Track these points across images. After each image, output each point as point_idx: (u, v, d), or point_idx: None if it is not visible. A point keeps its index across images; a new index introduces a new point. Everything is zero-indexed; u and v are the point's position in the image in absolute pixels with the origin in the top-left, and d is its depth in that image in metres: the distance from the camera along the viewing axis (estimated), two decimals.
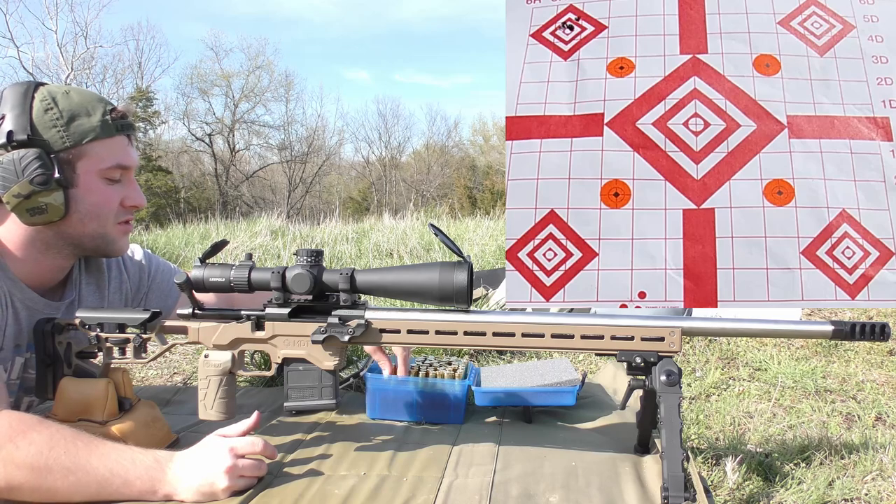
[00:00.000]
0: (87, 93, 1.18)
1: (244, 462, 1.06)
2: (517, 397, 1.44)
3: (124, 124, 1.18)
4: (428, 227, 4.29)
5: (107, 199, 1.18)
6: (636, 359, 1.10)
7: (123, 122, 1.18)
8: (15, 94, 1.12)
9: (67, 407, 1.16)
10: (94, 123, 1.14)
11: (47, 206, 1.11)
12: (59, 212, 1.13)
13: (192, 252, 5.17)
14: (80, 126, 1.13)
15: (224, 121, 27.92)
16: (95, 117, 1.14)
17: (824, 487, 1.41)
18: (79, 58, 21.67)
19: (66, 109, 1.12)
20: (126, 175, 1.21)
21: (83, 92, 1.18)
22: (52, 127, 1.11)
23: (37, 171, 1.08)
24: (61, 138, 1.11)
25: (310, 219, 11.99)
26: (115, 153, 1.17)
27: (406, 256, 5.17)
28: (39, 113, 1.11)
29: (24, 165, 1.08)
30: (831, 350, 2.54)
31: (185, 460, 1.05)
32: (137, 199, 1.22)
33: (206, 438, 1.09)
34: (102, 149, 1.15)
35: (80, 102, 1.15)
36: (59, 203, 1.12)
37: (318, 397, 1.17)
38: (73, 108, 1.13)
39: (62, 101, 1.13)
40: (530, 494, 1.07)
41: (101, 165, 1.15)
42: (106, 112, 1.16)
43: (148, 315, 1.19)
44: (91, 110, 1.14)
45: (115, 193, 1.19)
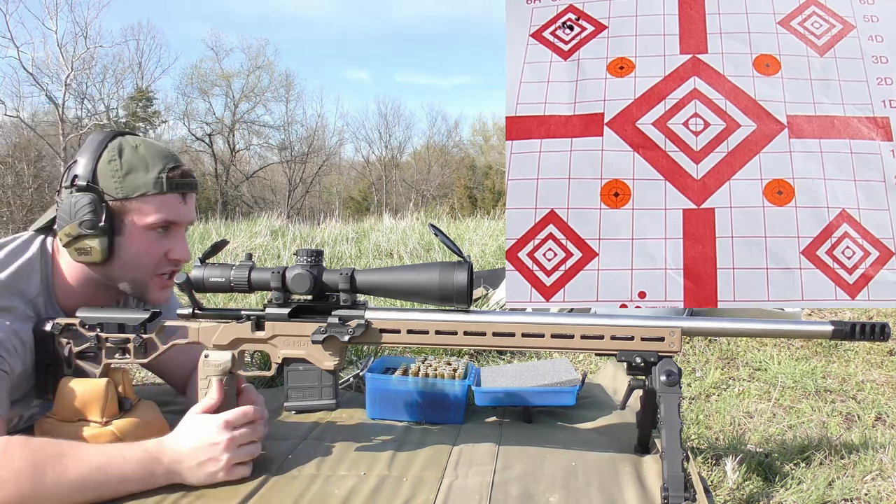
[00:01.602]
0: (156, 148, 1.22)
1: (240, 432, 1.10)
2: (517, 397, 1.44)
3: (179, 183, 1.21)
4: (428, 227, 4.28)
5: (147, 251, 1.21)
6: (636, 359, 1.10)
7: (180, 181, 1.21)
8: (94, 141, 1.20)
9: (67, 407, 1.16)
10: (148, 180, 1.17)
11: (91, 249, 1.16)
12: (101, 255, 1.17)
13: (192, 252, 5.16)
14: (135, 180, 1.17)
15: (224, 121, 27.93)
16: (151, 174, 1.18)
17: (824, 487, 1.41)
18: (79, 58, 21.67)
19: (126, 162, 1.17)
20: (175, 229, 1.23)
21: (154, 147, 1.21)
22: (110, 177, 1.16)
23: (87, 215, 1.14)
24: (115, 189, 1.16)
25: (310, 219, 11.99)
26: (164, 210, 1.19)
27: (406, 256, 5.17)
28: (104, 162, 1.17)
29: (78, 209, 1.15)
30: (831, 350, 2.54)
31: (180, 444, 1.07)
32: (180, 254, 1.24)
33: (192, 419, 1.11)
34: (152, 204, 1.18)
35: (142, 157, 1.18)
36: (103, 248, 1.17)
37: (318, 397, 1.17)
38: (133, 163, 1.18)
39: (127, 154, 1.18)
40: (530, 494, 1.07)
41: (147, 220, 1.18)
42: (164, 170, 1.19)
43: (148, 315, 1.19)
44: (150, 166, 1.18)
45: (159, 246, 1.22)
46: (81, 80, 22.43)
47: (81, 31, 21.96)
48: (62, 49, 21.11)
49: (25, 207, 18.31)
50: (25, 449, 0.98)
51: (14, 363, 1.13)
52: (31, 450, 0.99)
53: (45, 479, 0.97)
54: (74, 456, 1.01)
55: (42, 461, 0.98)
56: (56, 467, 0.98)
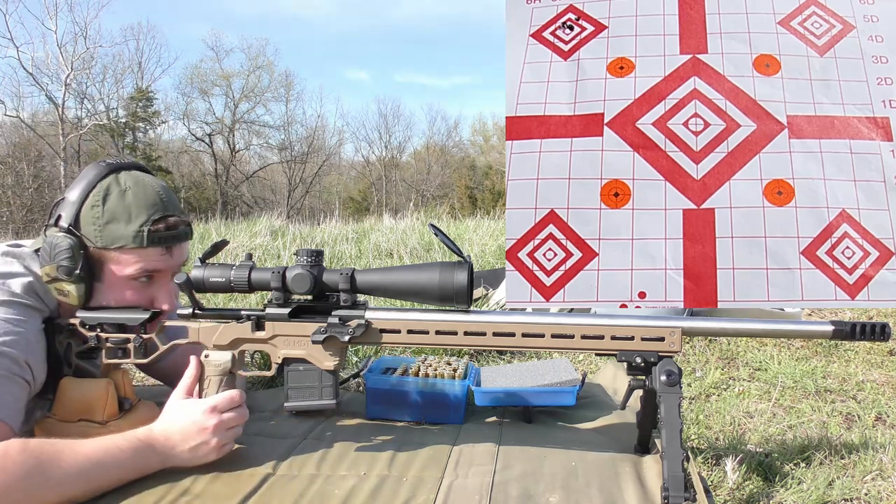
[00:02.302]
0: (146, 195, 1.17)
1: (227, 415, 1.11)
2: (517, 397, 1.44)
3: (163, 237, 1.17)
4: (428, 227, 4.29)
5: (126, 300, 1.19)
6: (636, 359, 1.10)
7: (163, 234, 1.17)
8: (84, 178, 1.16)
9: (67, 407, 1.16)
10: (128, 233, 1.15)
11: (68, 293, 1.15)
12: (78, 301, 1.16)
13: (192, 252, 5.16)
14: (115, 231, 1.14)
15: (224, 121, 27.93)
16: (132, 227, 1.14)
17: (824, 487, 1.41)
18: (78, 58, 21.69)
19: (109, 210, 1.14)
20: (159, 278, 1.21)
21: (144, 193, 1.17)
22: (91, 224, 1.14)
23: (64, 261, 1.13)
24: (95, 237, 1.15)
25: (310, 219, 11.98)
26: (144, 262, 1.17)
27: (406, 256, 5.16)
28: (88, 207, 1.15)
29: (57, 252, 1.13)
30: (831, 350, 2.54)
31: (170, 431, 1.09)
32: (163, 303, 1.21)
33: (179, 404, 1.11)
34: (131, 256, 1.16)
35: (126, 206, 1.15)
36: (79, 294, 1.15)
37: (318, 397, 1.17)
38: (115, 212, 1.14)
39: (112, 201, 1.15)
40: (530, 494, 1.07)
41: (126, 271, 1.17)
42: (147, 222, 1.15)
43: (148, 315, 1.19)
44: (133, 217, 1.15)
45: (141, 294, 1.20)
46: (81, 79, 22.45)
47: (81, 31, 22.01)
48: (62, 49, 21.14)
49: (25, 207, 18.31)
50: (25, 452, 0.98)
51: (39, 371, 1.13)
52: (31, 452, 0.99)
53: (45, 480, 0.97)
54: (71, 454, 1.01)
55: (41, 462, 0.98)
56: (55, 467, 0.99)
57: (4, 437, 1.01)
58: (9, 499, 0.94)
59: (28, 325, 1.11)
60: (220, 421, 1.10)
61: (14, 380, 1.06)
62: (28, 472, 0.96)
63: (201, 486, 1.08)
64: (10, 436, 1.03)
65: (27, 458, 0.97)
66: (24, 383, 1.08)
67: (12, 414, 1.05)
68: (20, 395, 1.08)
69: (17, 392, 1.07)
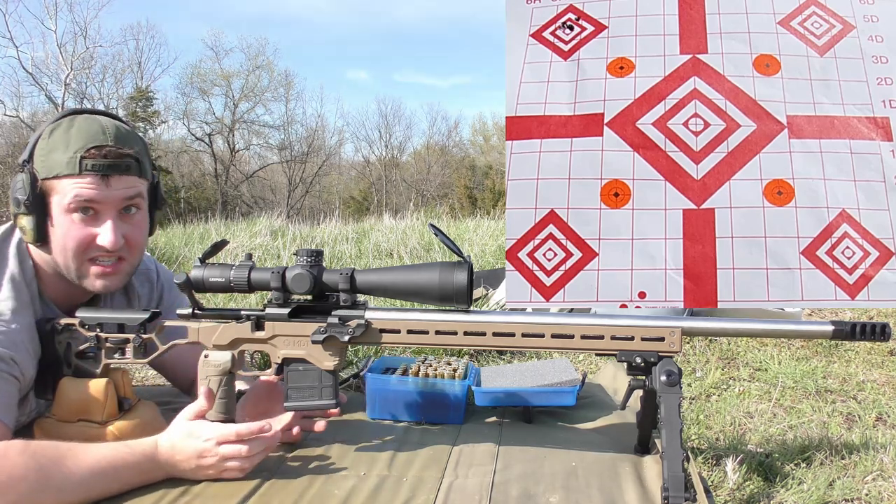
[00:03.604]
0: (90, 127, 1.15)
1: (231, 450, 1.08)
2: (517, 397, 1.44)
3: (95, 164, 1.13)
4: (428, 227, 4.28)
5: (70, 234, 1.15)
6: (636, 359, 1.10)
7: (96, 162, 1.13)
8: (50, 119, 1.18)
9: (67, 407, 1.16)
10: (63, 160, 1.12)
11: (25, 229, 1.15)
12: (32, 235, 1.14)
13: (191, 252, 5.16)
14: (53, 160, 1.13)
15: (224, 121, 27.91)
16: (67, 153, 1.12)
17: (825, 487, 1.41)
18: (78, 57, 21.68)
19: (53, 141, 1.14)
20: (101, 212, 1.16)
21: (86, 126, 1.15)
22: (40, 156, 1.14)
23: (18, 192, 1.13)
24: (41, 168, 1.14)
25: (310, 219, 11.98)
26: (79, 191, 1.13)
27: (406, 256, 5.17)
28: (41, 141, 1.15)
29: (13, 187, 1.14)
30: (832, 350, 2.54)
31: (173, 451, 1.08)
32: (104, 240, 1.15)
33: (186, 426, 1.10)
34: (68, 185, 1.13)
35: (69, 137, 1.13)
36: (31, 227, 1.14)
37: (318, 397, 1.17)
38: (56, 142, 1.13)
39: (58, 133, 1.14)
40: (530, 495, 1.07)
41: (64, 201, 1.14)
42: (82, 149, 1.12)
43: (148, 315, 1.19)
44: (70, 146, 1.12)
45: (83, 230, 1.15)
46: (81, 79, 22.44)
47: (81, 31, 21.98)
48: (62, 49, 21.13)
49: None
50: (25, 453, 0.98)
51: (27, 367, 1.12)
52: (31, 454, 0.98)
53: (45, 483, 0.97)
54: (74, 460, 1.01)
55: (41, 465, 0.98)
56: (56, 471, 0.98)
57: (1, 435, 1.01)
58: (7, 500, 0.94)
59: (13, 320, 1.11)
60: (223, 454, 1.08)
61: (3, 377, 1.06)
62: (27, 474, 0.96)
63: (200, 486, 1.08)
64: (5, 432, 1.03)
65: (27, 459, 0.97)
66: (12, 379, 1.08)
67: (6, 411, 1.06)
68: (10, 392, 1.08)
69: (6, 388, 1.07)
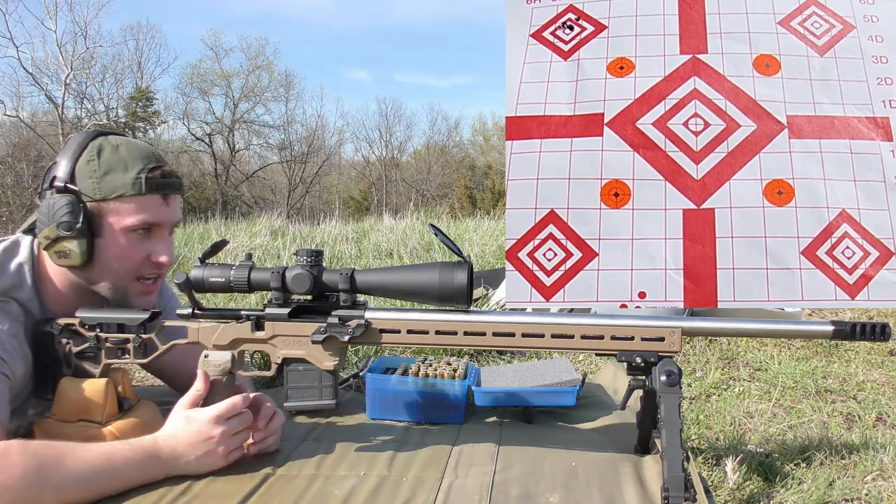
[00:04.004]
0: (138, 148, 1.18)
1: (232, 423, 1.11)
2: (517, 397, 1.44)
3: (160, 184, 1.18)
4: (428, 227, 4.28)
5: (127, 254, 1.18)
6: (636, 359, 1.10)
7: (160, 181, 1.18)
8: (74, 142, 1.17)
9: (67, 407, 1.16)
10: (126, 181, 1.15)
11: (70, 252, 1.15)
12: (80, 258, 1.15)
13: (191, 252, 5.16)
14: (113, 181, 1.15)
15: (224, 121, 27.89)
16: (130, 175, 1.15)
17: (824, 487, 1.41)
18: (78, 57, 21.67)
19: (105, 162, 1.15)
20: (158, 231, 1.20)
21: (136, 147, 1.19)
22: (88, 177, 1.14)
23: (64, 217, 1.12)
24: (93, 190, 1.14)
25: (310, 219, 11.98)
26: (143, 211, 1.16)
27: (406, 256, 5.16)
28: (83, 163, 1.15)
29: (56, 210, 1.13)
30: (831, 350, 2.54)
31: (175, 442, 1.08)
32: (162, 255, 1.21)
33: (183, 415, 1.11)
34: (130, 206, 1.16)
35: (122, 158, 1.16)
36: (82, 251, 1.14)
37: (318, 397, 1.17)
38: (111, 163, 1.15)
39: (106, 154, 1.16)
40: (530, 494, 1.07)
41: (125, 222, 1.16)
42: (144, 170, 1.16)
43: (148, 315, 1.19)
44: (129, 167, 1.15)
45: (139, 249, 1.19)
46: (81, 79, 22.42)
47: (81, 31, 21.96)
48: (62, 49, 21.13)
49: (25, 207, 18.31)
50: (25, 453, 0.98)
51: (16, 365, 1.12)
52: (31, 453, 0.98)
53: (45, 482, 0.97)
54: (74, 458, 1.01)
55: (41, 465, 0.98)
56: (56, 470, 0.98)
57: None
58: (7, 500, 0.94)
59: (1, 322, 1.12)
60: (225, 431, 1.10)
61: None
62: (27, 473, 0.96)
63: (201, 486, 1.08)
64: (1, 431, 1.03)
65: (28, 459, 0.97)
66: (3, 378, 1.09)
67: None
68: (2, 390, 1.08)
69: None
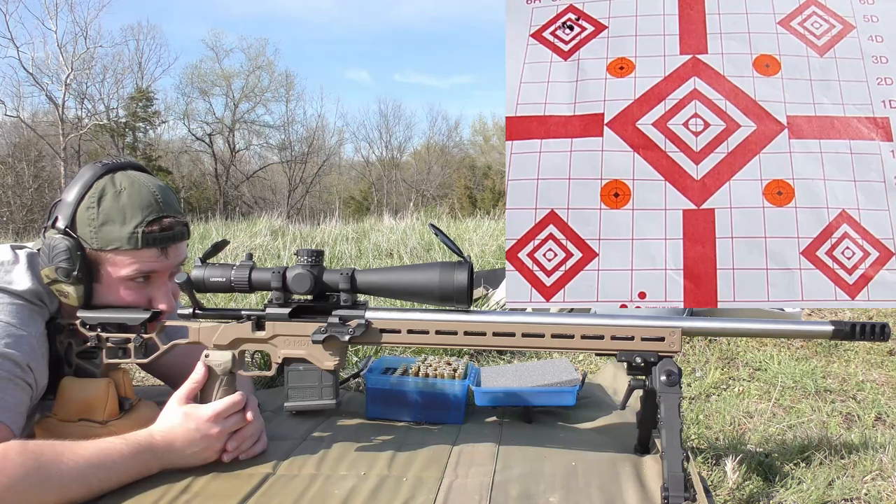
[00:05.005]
0: (140, 196, 1.16)
1: (230, 421, 1.12)
2: (517, 397, 1.45)
3: (157, 238, 1.16)
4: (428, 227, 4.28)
5: (125, 300, 1.19)
6: (636, 359, 1.11)
7: (158, 236, 1.16)
8: (80, 179, 1.16)
9: (67, 407, 1.16)
10: (122, 234, 1.14)
11: (68, 295, 1.15)
12: (77, 302, 1.16)
13: (192, 252, 5.16)
14: (109, 233, 1.14)
15: (224, 121, 27.88)
16: (126, 228, 1.14)
17: (824, 487, 1.41)
18: (79, 58, 21.69)
19: (103, 212, 1.14)
20: (157, 278, 1.20)
21: (139, 194, 1.16)
22: (87, 225, 1.14)
23: (62, 263, 1.12)
24: (91, 239, 1.14)
25: (310, 219, 11.97)
26: (139, 263, 1.16)
27: (406, 256, 5.16)
28: (83, 209, 1.14)
29: (55, 254, 1.13)
30: (831, 350, 2.54)
31: (173, 438, 1.09)
32: (160, 304, 1.20)
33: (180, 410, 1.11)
34: (127, 258, 1.15)
35: (121, 208, 1.14)
36: (79, 295, 1.15)
37: (318, 397, 1.17)
38: (109, 213, 1.14)
39: (106, 202, 1.14)
40: (530, 495, 1.08)
41: (121, 272, 1.16)
42: (141, 224, 1.14)
43: (148, 315, 1.19)
44: (127, 219, 1.14)
45: (138, 295, 1.19)
46: (81, 80, 22.45)
47: (81, 31, 22.00)
48: (62, 49, 21.14)
49: (25, 207, 18.33)
50: (24, 453, 0.98)
51: (41, 376, 1.12)
52: (30, 453, 0.99)
53: (46, 480, 0.97)
54: (71, 455, 1.01)
55: (41, 463, 0.98)
56: (55, 468, 0.99)
57: (4, 439, 1.00)
58: (8, 500, 0.94)
59: (31, 329, 1.11)
60: (224, 428, 1.11)
61: (16, 382, 1.06)
62: (27, 473, 0.96)
63: (200, 485, 1.08)
64: (6, 435, 1.02)
65: (27, 459, 0.97)
66: (26, 387, 1.08)
67: (13, 417, 1.05)
68: (22, 399, 1.07)
69: (19, 395, 1.07)
